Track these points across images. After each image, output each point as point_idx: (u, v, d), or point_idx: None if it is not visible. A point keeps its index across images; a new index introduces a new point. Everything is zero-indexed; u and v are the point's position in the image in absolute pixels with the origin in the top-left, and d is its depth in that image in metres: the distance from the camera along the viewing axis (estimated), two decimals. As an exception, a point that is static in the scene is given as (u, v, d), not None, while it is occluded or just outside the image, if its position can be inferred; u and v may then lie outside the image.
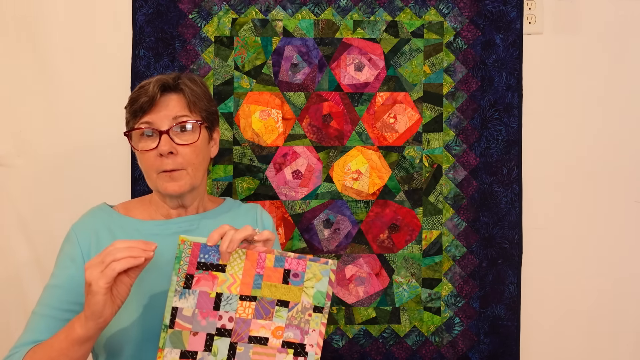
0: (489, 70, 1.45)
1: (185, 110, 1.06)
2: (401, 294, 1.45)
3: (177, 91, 1.07)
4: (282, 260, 0.93)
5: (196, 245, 0.92)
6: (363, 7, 1.43)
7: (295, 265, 0.93)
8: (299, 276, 0.93)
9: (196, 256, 0.92)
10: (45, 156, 1.42)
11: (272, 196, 1.43)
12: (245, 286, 0.92)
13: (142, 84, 1.06)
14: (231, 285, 0.92)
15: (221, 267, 0.92)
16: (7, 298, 1.42)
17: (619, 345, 1.51)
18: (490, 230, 1.45)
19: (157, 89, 1.03)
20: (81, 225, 1.08)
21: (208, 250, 0.92)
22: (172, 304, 0.91)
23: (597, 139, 1.50)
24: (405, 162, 1.45)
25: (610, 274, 1.50)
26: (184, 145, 1.04)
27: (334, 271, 0.94)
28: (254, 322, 0.92)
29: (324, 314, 0.93)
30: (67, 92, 1.41)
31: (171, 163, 1.03)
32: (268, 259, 0.93)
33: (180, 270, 0.91)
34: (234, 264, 0.92)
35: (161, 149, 1.02)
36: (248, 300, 0.92)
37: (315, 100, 1.44)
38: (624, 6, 1.49)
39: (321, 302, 0.93)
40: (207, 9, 1.41)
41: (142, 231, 1.07)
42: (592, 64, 1.49)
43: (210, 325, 0.91)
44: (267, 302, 0.93)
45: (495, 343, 1.45)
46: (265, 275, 0.93)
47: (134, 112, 1.04)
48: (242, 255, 0.93)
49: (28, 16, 1.41)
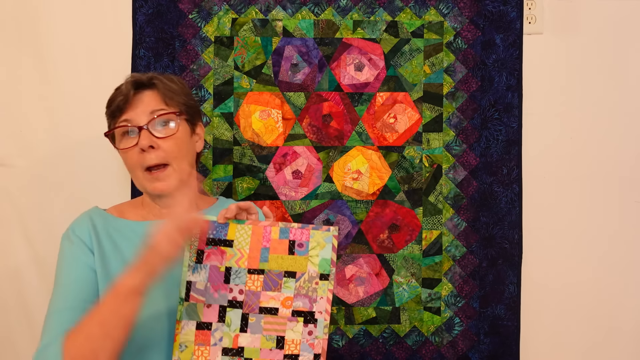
0: (489, 70, 1.45)
1: (161, 104, 1.06)
2: (401, 294, 1.45)
3: (150, 87, 1.07)
4: (287, 232, 0.97)
5: (205, 222, 0.96)
6: (363, 7, 1.43)
7: (299, 235, 0.97)
8: (304, 246, 0.97)
9: (205, 232, 0.97)
10: (46, 156, 1.42)
11: (272, 196, 1.43)
12: (252, 260, 0.97)
13: (118, 87, 1.08)
14: (239, 260, 0.97)
15: (229, 242, 0.97)
16: (7, 298, 1.41)
17: (618, 345, 1.51)
18: (490, 230, 1.45)
19: (131, 87, 1.05)
20: (79, 227, 1.07)
21: (216, 227, 0.97)
22: (187, 278, 0.96)
23: (597, 138, 1.50)
24: (405, 162, 1.45)
25: (610, 274, 1.50)
26: (164, 138, 1.04)
27: (336, 237, 0.98)
28: (264, 294, 0.96)
29: (330, 280, 0.97)
30: (67, 92, 1.41)
31: (154, 158, 1.03)
32: (273, 232, 0.97)
33: (192, 247, 0.96)
34: (241, 239, 0.97)
35: (141, 144, 1.02)
36: (256, 273, 0.97)
37: (315, 100, 1.44)
38: (624, 6, 1.49)
39: (327, 270, 0.97)
40: (207, 9, 1.41)
41: (139, 232, 1.06)
42: (592, 64, 1.49)
43: (222, 297, 0.96)
44: (275, 274, 0.97)
45: (495, 343, 1.45)
46: (271, 247, 0.97)
47: (112, 113, 1.06)
48: (249, 230, 0.97)
49: (28, 16, 1.41)
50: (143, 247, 0.92)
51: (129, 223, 1.09)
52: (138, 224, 1.09)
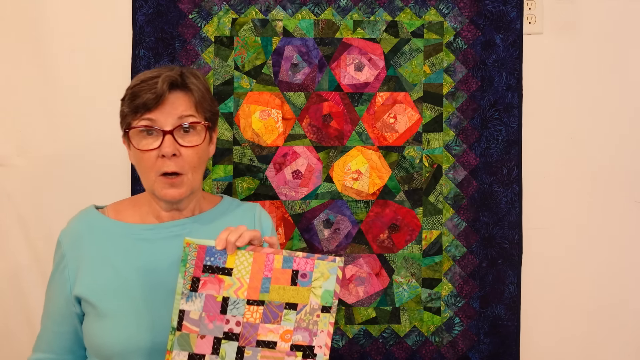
0: (489, 70, 1.45)
1: (191, 109, 1.01)
2: (401, 294, 1.45)
3: (184, 89, 1.02)
4: (291, 261, 0.92)
5: (202, 247, 0.91)
6: (363, 7, 1.43)
7: (303, 265, 0.92)
8: (307, 276, 0.92)
9: (202, 259, 0.91)
10: (45, 156, 1.42)
11: (272, 196, 1.43)
12: (252, 290, 0.91)
13: (144, 77, 1.00)
14: (238, 290, 0.91)
15: (227, 270, 0.91)
16: (7, 298, 1.42)
17: (618, 345, 1.51)
18: (490, 230, 1.45)
19: (166, 86, 0.98)
20: (67, 233, 1.06)
21: (214, 253, 0.91)
22: (180, 306, 0.91)
23: (597, 138, 1.50)
24: (405, 162, 1.45)
25: (610, 274, 1.50)
26: (188, 147, 1.00)
27: (341, 268, 0.93)
28: (262, 327, 0.91)
29: (331, 313, 0.92)
30: (67, 92, 1.41)
31: (173, 165, 0.98)
32: (276, 260, 0.92)
33: (186, 273, 0.91)
34: (241, 268, 0.91)
35: (164, 151, 0.97)
36: (256, 304, 0.91)
37: (315, 100, 1.44)
38: (624, 6, 1.49)
39: (329, 302, 0.92)
40: (207, 9, 1.41)
41: (131, 236, 1.04)
42: (592, 64, 1.49)
43: (218, 329, 0.91)
44: (275, 305, 0.91)
45: (495, 343, 1.45)
46: (273, 277, 0.91)
47: (136, 108, 0.99)
48: (249, 257, 0.91)
49: (28, 16, 1.40)
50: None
51: (122, 225, 1.06)
52: (132, 226, 1.06)
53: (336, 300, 0.92)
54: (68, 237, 1.05)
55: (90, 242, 1.04)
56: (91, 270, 1.02)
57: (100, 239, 1.04)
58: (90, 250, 1.03)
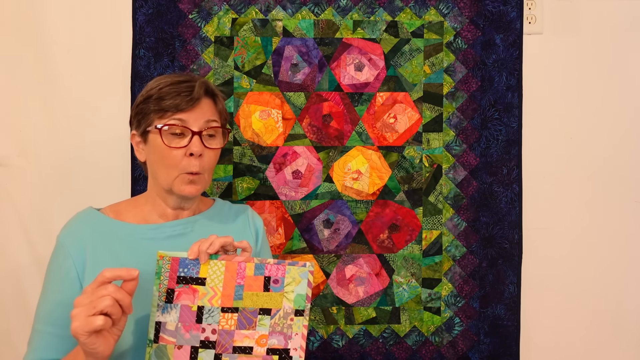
0: (489, 70, 1.45)
1: (216, 115, 1.08)
2: (401, 294, 1.45)
3: (212, 97, 1.09)
4: (262, 268, 0.95)
5: (175, 259, 0.93)
6: (363, 7, 1.43)
7: (275, 272, 0.95)
8: (279, 282, 0.95)
9: (175, 270, 0.93)
10: (46, 156, 1.42)
11: (272, 196, 1.43)
12: (226, 298, 0.94)
13: (172, 81, 1.05)
14: (212, 298, 0.94)
15: (201, 280, 0.94)
16: (7, 298, 1.42)
17: (618, 345, 1.51)
18: (490, 230, 1.45)
19: (203, 92, 1.06)
20: (70, 234, 1.04)
21: (187, 264, 0.94)
22: (155, 318, 0.93)
23: (597, 138, 1.50)
24: (405, 162, 1.45)
25: (610, 273, 1.50)
26: (211, 149, 1.05)
27: (311, 272, 0.95)
28: (238, 333, 0.93)
29: (305, 316, 0.94)
30: (67, 92, 1.41)
31: (197, 165, 1.03)
32: (248, 268, 0.94)
33: (161, 285, 0.93)
34: (214, 277, 0.94)
35: (193, 149, 1.02)
36: (230, 312, 0.94)
37: (315, 100, 1.44)
38: (624, 6, 1.50)
39: (302, 305, 0.94)
40: (207, 9, 1.41)
41: (135, 236, 1.05)
42: (592, 64, 1.49)
43: (194, 338, 0.93)
44: (249, 312, 0.94)
45: (495, 343, 1.45)
46: (246, 284, 0.94)
47: (166, 107, 1.03)
48: (222, 267, 0.94)
49: (28, 16, 1.41)
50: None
51: (125, 225, 1.06)
52: (135, 226, 1.06)
53: (309, 304, 0.95)
54: (71, 238, 1.03)
55: (94, 243, 1.03)
56: (98, 270, 0.99)
57: (105, 240, 1.03)
58: (95, 251, 1.02)
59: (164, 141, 1.03)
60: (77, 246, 1.02)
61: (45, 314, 1.00)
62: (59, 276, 1.01)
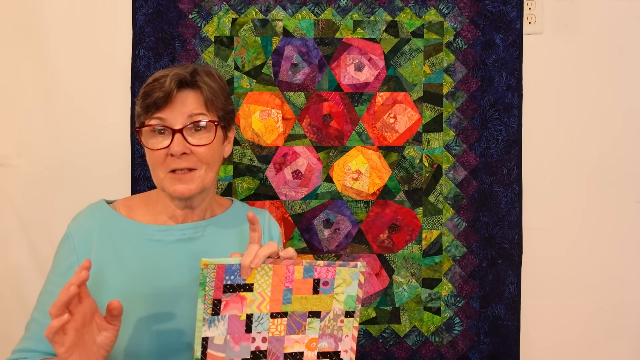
0: (489, 70, 1.45)
1: (201, 108, 1.00)
2: (401, 294, 1.45)
3: (194, 87, 1.00)
4: (311, 270, 0.89)
5: (220, 267, 0.85)
6: (363, 7, 1.43)
7: (324, 274, 0.90)
8: (329, 284, 0.90)
9: (221, 279, 0.86)
10: (46, 156, 1.42)
11: (272, 196, 1.43)
12: (275, 303, 0.89)
13: (157, 77, 0.99)
14: (261, 304, 0.88)
15: (248, 286, 0.87)
16: (7, 298, 1.42)
17: (618, 346, 1.51)
18: (490, 230, 1.45)
19: (174, 85, 0.97)
20: (79, 227, 1.02)
21: (233, 271, 0.86)
22: (202, 334, 0.86)
23: (597, 138, 1.50)
24: (405, 162, 1.45)
25: (610, 274, 1.50)
26: (198, 146, 0.99)
27: (363, 273, 0.91)
28: (288, 339, 0.90)
29: (355, 317, 0.91)
30: (67, 92, 1.41)
31: (184, 163, 0.98)
32: (297, 271, 0.89)
33: (206, 297, 0.85)
34: (261, 282, 0.88)
35: (174, 150, 0.96)
36: (279, 317, 0.89)
37: (315, 100, 1.44)
38: (624, 6, 1.49)
39: (352, 307, 0.91)
40: (207, 9, 1.41)
41: (143, 236, 1.02)
42: (592, 64, 1.49)
43: (244, 349, 0.88)
44: (299, 315, 0.90)
45: (495, 343, 1.45)
46: (294, 288, 0.89)
47: (146, 107, 0.98)
48: (269, 271, 0.88)
49: (28, 16, 1.41)
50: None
51: (135, 225, 1.03)
52: (145, 226, 1.03)
53: (359, 304, 0.92)
54: (79, 232, 1.01)
55: (101, 238, 1.01)
56: (101, 267, 0.99)
57: (112, 237, 1.01)
58: (100, 247, 1.00)
59: (142, 142, 1.00)
60: (84, 241, 1.00)
61: (43, 304, 0.98)
62: (62, 269, 1.00)
